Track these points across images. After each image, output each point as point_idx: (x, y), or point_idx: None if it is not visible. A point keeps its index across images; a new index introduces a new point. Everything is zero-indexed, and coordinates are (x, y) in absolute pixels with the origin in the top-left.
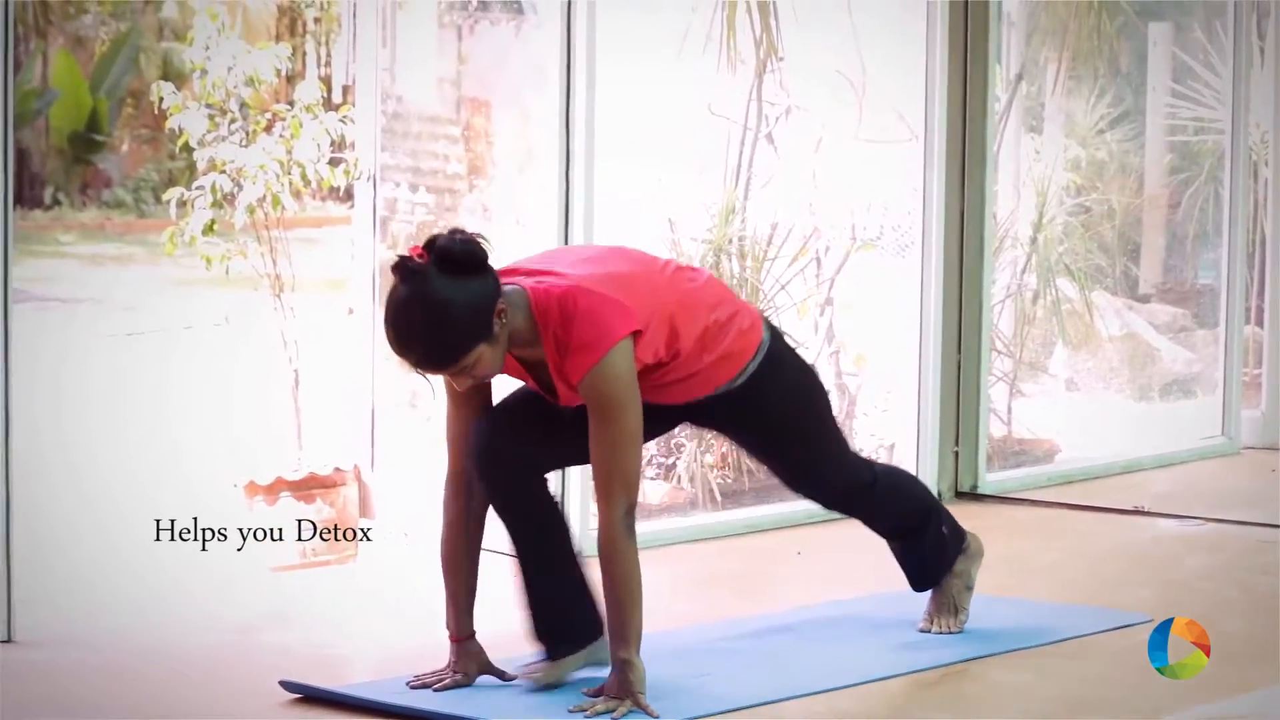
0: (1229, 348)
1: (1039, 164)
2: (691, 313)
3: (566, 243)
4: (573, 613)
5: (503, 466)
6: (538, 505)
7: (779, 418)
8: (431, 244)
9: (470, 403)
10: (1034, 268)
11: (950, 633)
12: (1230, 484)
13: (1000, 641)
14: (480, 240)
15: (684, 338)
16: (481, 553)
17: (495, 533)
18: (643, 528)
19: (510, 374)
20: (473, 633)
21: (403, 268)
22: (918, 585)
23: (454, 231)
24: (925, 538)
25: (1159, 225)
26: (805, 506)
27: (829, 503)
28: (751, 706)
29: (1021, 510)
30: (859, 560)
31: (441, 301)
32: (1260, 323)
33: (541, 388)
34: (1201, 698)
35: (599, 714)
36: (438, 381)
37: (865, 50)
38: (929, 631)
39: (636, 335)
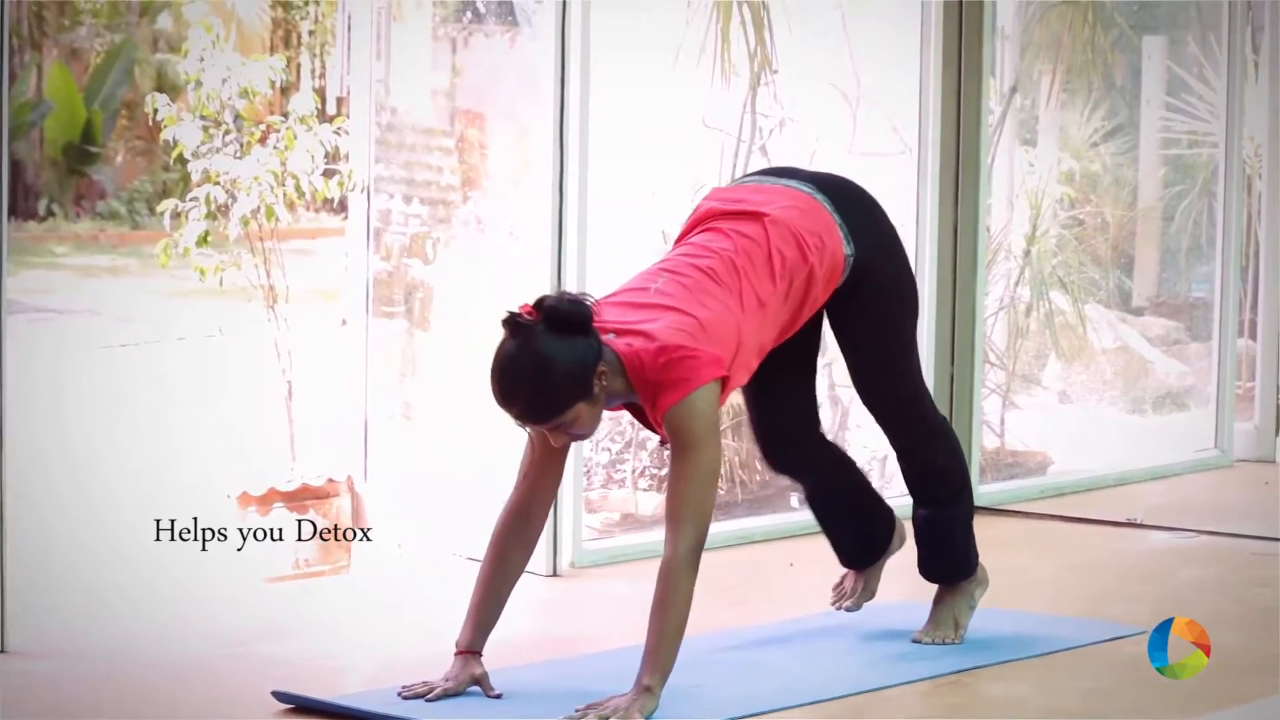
0: (1222, 361)
1: (1032, 177)
2: (773, 324)
3: (560, 253)
4: (874, 527)
5: (788, 457)
6: (823, 459)
7: (869, 310)
8: (540, 303)
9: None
10: (1027, 280)
11: (945, 644)
12: (1224, 497)
13: (994, 653)
14: (587, 301)
15: (768, 340)
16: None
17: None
18: (633, 539)
19: (610, 410)
20: (479, 651)
21: (512, 323)
22: (932, 572)
23: (563, 293)
24: (956, 518)
25: (1153, 238)
26: (799, 518)
27: (890, 413)
28: (744, 717)
29: (1014, 522)
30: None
31: (546, 358)
32: (1254, 336)
33: (645, 425)
34: (1197, 709)
35: None
36: (432, 396)
37: (859, 63)
38: (922, 643)
39: (724, 380)
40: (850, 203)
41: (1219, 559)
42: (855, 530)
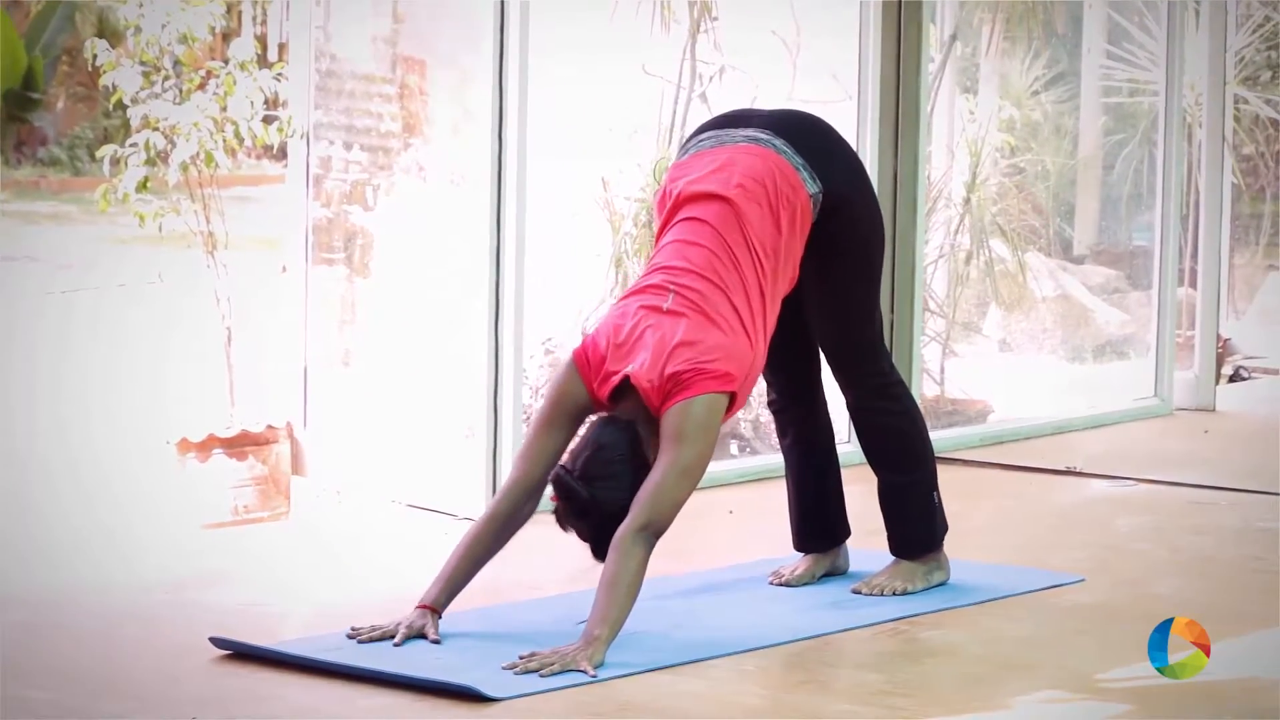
0: (1162, 309)
1: (973, 125)
2: (776, 301)
3: (500, 201)
4: (831, 515)
5: (794, 418)
6: (813, 424)
7: (838, 248)
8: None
9: (561, 432)
10: (967, 228)
11: (883, 595)
12: (1162, 445)
13: (931, 601)
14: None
15: (770, 330)
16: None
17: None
18: None
19: None
20: (440, 610)
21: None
22: (892, 543)
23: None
24: (914, 487)
25: (1093, 187)
26: (739, 465)
27: (846, 358)
28: (682, 664)
29: (954, 471)
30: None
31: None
32: (1194, 284)
33: None
34: (1135, 658)
35: (530, 670)
36: (371, 343)
37: (799, 10)
38: (861, 593)
39: (732, 398)
40: (809, 138)
41: (1157, 507)
42: (823, 507)
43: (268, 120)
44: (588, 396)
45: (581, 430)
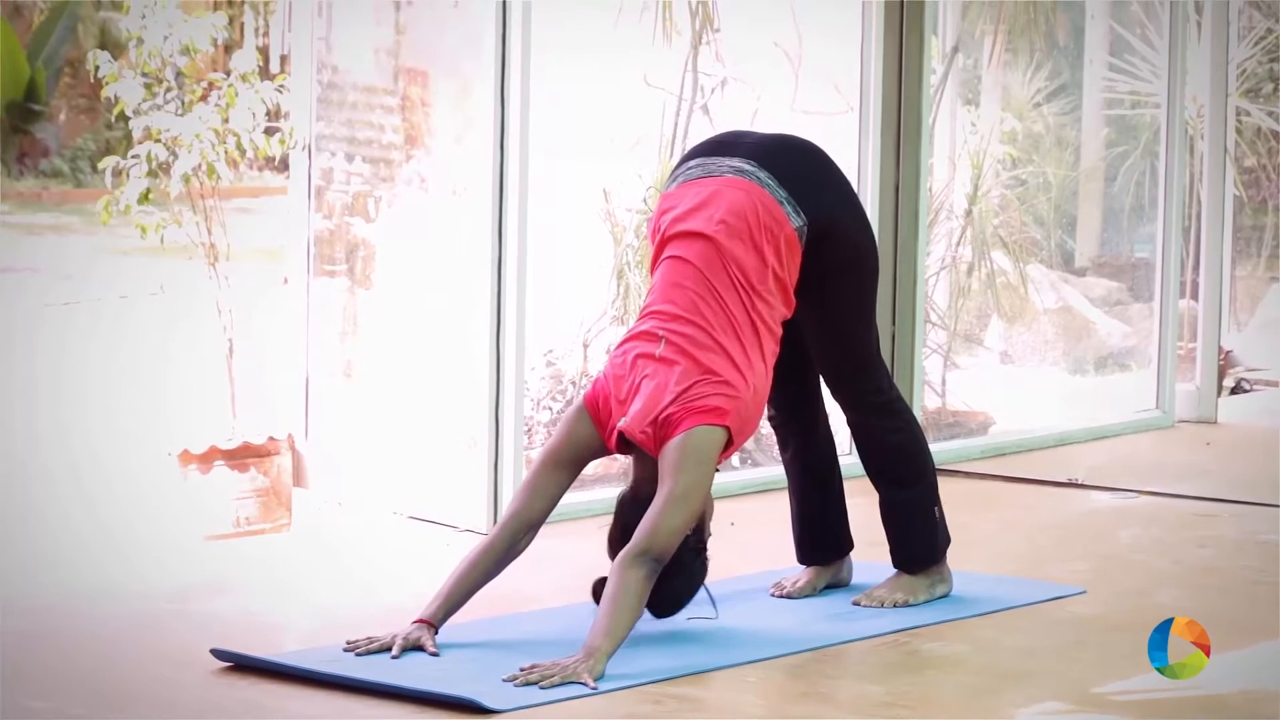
0: (1164, 321)
1: (975, 136)
2: (775, 331)
3: (501, 212)
4: (832, 528)
5: (794, 431)
6: (814, 437)
7: (829, 273)
8: None
9: (566, 471)
10: (969, 240)
11: (884, 607)
12: (1164, 457)
13: (933, 613)
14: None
15: (769, 358)
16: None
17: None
18: (572, 498)
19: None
20: (437, 625)
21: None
22: (894, 556)
23: None
24: (915, 502)
25: (1095, 199)
26: (740, 478)
27: (844, 379)
28: (684, 676)
29: (955, 483)
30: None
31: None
32: (1195, 296)
33: None
34: (1136, 670)
35: (529, 682)
36: (373, 354)
37: (801, 22)
38: (861, 604)
39: (728, 432)
40: (794, 167)
41: (1159, 519)
42: (825, 519)
43: (269, 132)
44: (598, 441)
45: (587, 475)
